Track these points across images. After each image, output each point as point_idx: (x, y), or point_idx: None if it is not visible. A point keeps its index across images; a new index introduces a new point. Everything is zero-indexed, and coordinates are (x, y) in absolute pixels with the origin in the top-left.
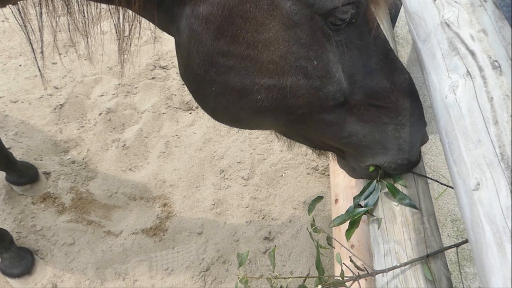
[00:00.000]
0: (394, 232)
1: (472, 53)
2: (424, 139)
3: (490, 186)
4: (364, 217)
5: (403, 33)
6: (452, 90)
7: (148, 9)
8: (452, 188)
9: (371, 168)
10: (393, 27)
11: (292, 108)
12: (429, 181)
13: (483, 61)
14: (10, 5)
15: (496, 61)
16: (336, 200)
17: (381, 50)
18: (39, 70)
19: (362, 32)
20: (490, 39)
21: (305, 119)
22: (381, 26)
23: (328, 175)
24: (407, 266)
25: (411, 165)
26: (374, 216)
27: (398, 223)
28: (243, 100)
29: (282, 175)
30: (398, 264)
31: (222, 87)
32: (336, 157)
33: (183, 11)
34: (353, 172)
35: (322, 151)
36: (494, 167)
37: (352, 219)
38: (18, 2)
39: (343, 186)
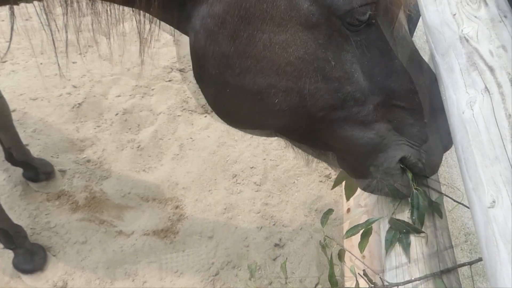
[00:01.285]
0: None
1: (491, 69)
2: (448, 145)
3: (506, 204)
4: (375, 227)
5: (420, 43)
6: (469, 105)
7: (166, 10)
8: (465, 205)
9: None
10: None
11: (311, 111)
12: (444, 192)
13: (502, 77)
14: (35, 2)
15: None
16: (348, 210)
17: (404, 51)
18: (59, 68)
19: (383, 32)
20: (509, 56)
21: (325, 123)
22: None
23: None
24: (421, 281)
25: (434, 168)
26: (423, 232)
27: (410, 236)
28: (260, 104)
29: (294, 182)
30: (413, 278)
31: (237, 89)
32: (339, 163)
33: (199, 11)
34: (367, 186)
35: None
36: (510, 185)
37: (365, 230)
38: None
39: (355, 195)
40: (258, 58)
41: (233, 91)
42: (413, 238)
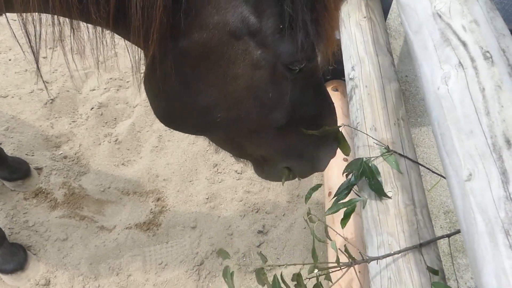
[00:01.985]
0: (387, 224)
1: (464, 44)
2: (333, 156)
3: (482, 176)
4: (357, 209)
5: (395, 25)
6: (444, 81)
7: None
8: (445, 178)
9: (284, 172)
10: (385, 19)
11: (243, 125)
12: (422, 172)
13: (475, 51)
14: None
15: (488, 51)
16: (330, 193)
17: (317, 85)
18: (37, 63)
19: (307, 72)
20: (481, 30)
21: (249, 135)
22: (374, 18)
23: None
24: (400, 255)
25: (311, 171)
26: (360, 197)
27: (391, 215)
28: (205, 116)
29: None
30: (392, 252)
31: (189, 105)
32: (253, 166)
33: (170, 42)
34: (266, 175)
35: (242, 160)
36: (486, 158)
37: (348, 209)
38: None
39: (337, 179)
40: (211, 84)
41: (184, 105)
42: (393, 216)
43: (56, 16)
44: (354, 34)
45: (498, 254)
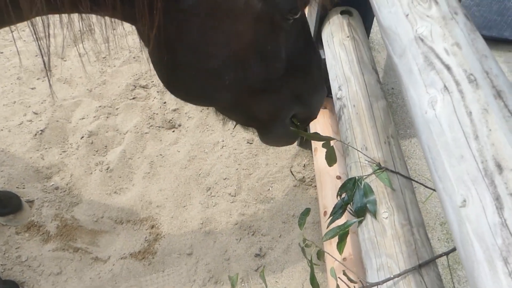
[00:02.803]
0: (385, 245)
1: (448, 67)
2: (322, 102)
3: (476, 202)
4: (354, 228)
5: (377, 39)
6: (431, 105)
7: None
8: (432, 189)
9: (295, 122)
10: (368, 37)
11: (250, 83)
12: (415, 185)
13: (459, 75)
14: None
15: (472, 74)
16: (325, 212)
17: (306, 35)
18: (47, 73)
19: (298, 22)
20: (464, 52)
21: (255, 93)
22: (357, 37)
23: (315, 186)
24: (400, 277)
25: (313, 117)
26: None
27: (388, 236)
28: (216, 80)
29: (269, 189)
30: (392, 276)
31: (198, 70)
32: (260, 133)
33: (175, 8)
34: (275, 137)
35: (250, 128)
36: (478, 183)
37: (342, 232)
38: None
39: (331, 198)
40: (218, 44)
41: (194, 72)
42: (390, 237)
43: (64, 15)
44: (338, 53)
45: (498, 282)
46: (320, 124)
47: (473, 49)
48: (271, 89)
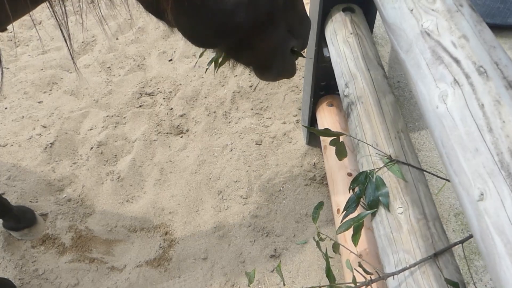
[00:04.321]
0: (402, 241)
1: (457, 61)
2: (309, 30)
3: (494, 195)
4: (369, 224)
5: (380, 33)
6: (442, 99)
7: None
8: (449, 181)
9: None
10: (371, 31)
11: (257, 18)
12: (427, 177)
13: (468, 67)
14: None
15: (481, 66)
16: (338, 210)
17: None
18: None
19: None
20: (472, 45)
21: (262, 27)
22: (360, 33)
23: (326, 184)
24: (418, 270)
25: (305, 46)
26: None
27: (404, 231)
28: (231, 20)
29: (280, 190)
30: (408, 266)
31: (218, 15)
32: (260, 73)
33: None
34: (279, 74)
35: (250, 65)
36: (495, 176)
37: (356, 224)
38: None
39: (343, 195)
40: None
41: (214, 18)
42: (406, 232)
43: None
44: (343, 51)
45: None
46: (328, 122)
47: (481, 40)
48: (273, 22)
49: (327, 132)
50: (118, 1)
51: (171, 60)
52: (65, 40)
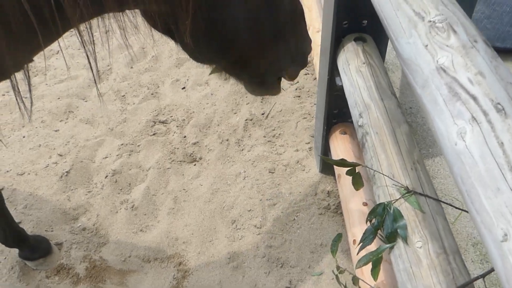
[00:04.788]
0: (422, 276)
1: (474, 98)
2: (310, 50)
3: None
4: (387, 257)
5: (391, 59)
6: (460, 136)
7: None
8: (467, 212)
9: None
10: (383, 60)
11: (262, 37)
12: (443, 207)
13: (486, 105)
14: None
15: (499, 103)
16: (354, 241)
17: None
18: (95, 79)
19: None
20: (488, 81)
21: (260, 47)
22: (373, 63)
23: (341, 213)
24: None
25: (303, 66)
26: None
27: (424, 266)
28: (235, 42)
29: (294, 219)
30: None
31: (227, 37)
32: (247, 86)
33: None
34: (265, 91)
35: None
36: None
37: (376, 258)
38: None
39: (359, 225)
40: (237, 12)
41: (222, 39)
42: (426, 267)
43: (105, 17)
44: (356, 80)
45: None
46: (341, 150)
47: (497, 77)
48: (271, 43)
49: (343, 163)
50: (131, 31)
51: (184, 88)
52: (91, 67)
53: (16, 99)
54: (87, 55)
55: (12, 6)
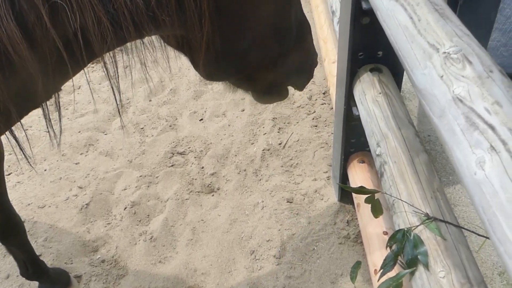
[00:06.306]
0: None
1: (492, 127)
2: (316, 64)
3: None
4: (407, 284)
5: (407, 87)
6: (479, 166)
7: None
8: (489, 239)
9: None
10: (400, 89)
11: (273, 55)
12: (466, 233)
13: (504, 134)
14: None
15: None
16: (375, 271)
17: (300, 9)
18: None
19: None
20: (505, 110)
21: (276, 63)
22: (389, 93)
23: (361, 242)
24: None
25: (309, 79)
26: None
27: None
28: (247, 59)
29: (314, 249)
30: None
31: (240, 55)
32: (255, 96)
33: (217, 13)
34: (272, 100)
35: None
36: None
37: (396, 283)
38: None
39: (380, 254)
40: (250, 30)
41: (235, 58)
42: None
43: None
44: (372, 110)
45: None
46: (360, 178)
47: None
48: (279, 60)
49: (362, 190)
50: (151, 65)
51: (201, 119)
52: (115, 98)
53: (47, 126)
54: (112, 87)
55: (47, 46)
